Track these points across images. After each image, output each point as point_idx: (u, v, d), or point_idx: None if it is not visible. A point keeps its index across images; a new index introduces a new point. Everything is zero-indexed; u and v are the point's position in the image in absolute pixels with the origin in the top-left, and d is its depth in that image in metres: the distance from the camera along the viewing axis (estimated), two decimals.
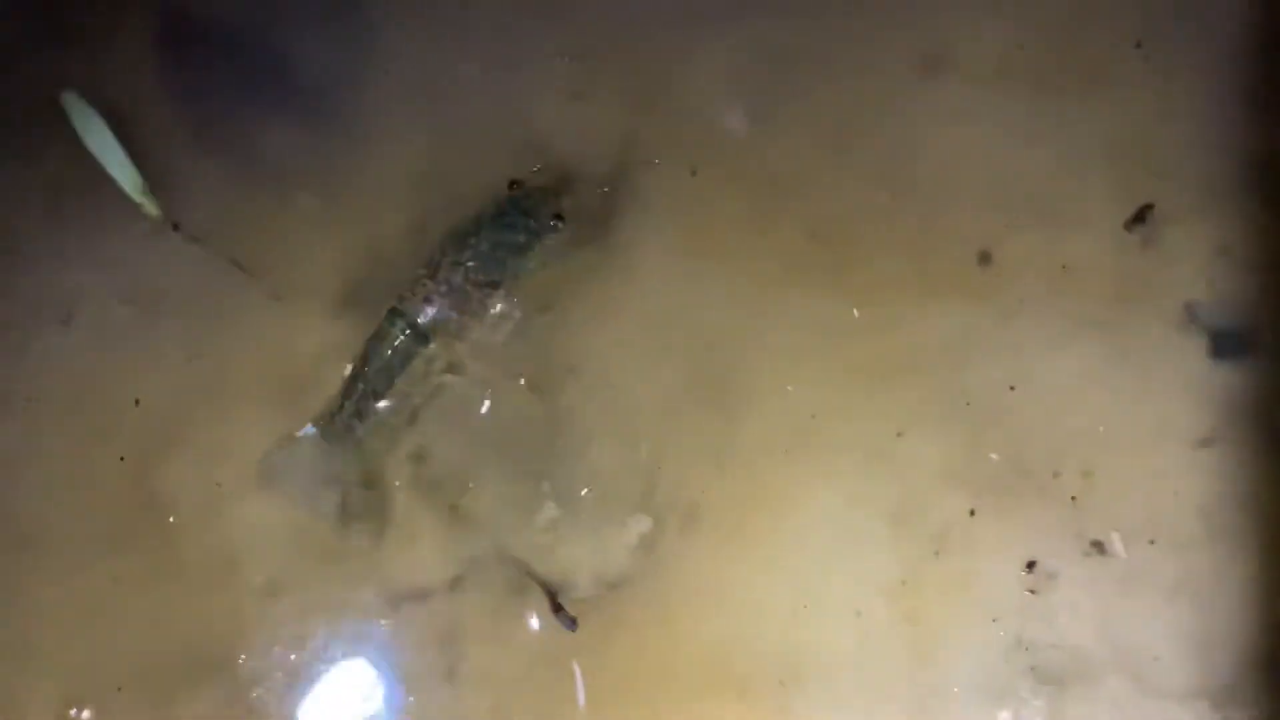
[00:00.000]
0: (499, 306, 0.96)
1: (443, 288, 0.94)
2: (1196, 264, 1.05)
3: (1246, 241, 1.05)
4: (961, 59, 1.08)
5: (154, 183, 1.07)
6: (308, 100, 1.07)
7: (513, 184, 0.99)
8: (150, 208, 1.05)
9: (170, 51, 1.11)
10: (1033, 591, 1.03)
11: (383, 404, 0.97)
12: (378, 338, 0.96)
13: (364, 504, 0.99)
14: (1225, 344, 1.03)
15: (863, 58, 1.08)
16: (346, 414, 0.97)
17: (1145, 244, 1.06)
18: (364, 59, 1.08)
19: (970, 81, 1.08)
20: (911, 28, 1.09)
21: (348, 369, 0.98)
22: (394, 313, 0.95)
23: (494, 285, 0.96)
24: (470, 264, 0.94)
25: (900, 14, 1.09)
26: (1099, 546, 1.03)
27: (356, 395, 0.96)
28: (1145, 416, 1.04)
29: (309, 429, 0.98)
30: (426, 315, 0.94)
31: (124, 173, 1.04)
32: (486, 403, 1.01)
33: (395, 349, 0.95)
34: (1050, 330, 1.05)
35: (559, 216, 0.98)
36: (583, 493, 1.00)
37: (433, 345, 0.96)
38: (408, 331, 0.95)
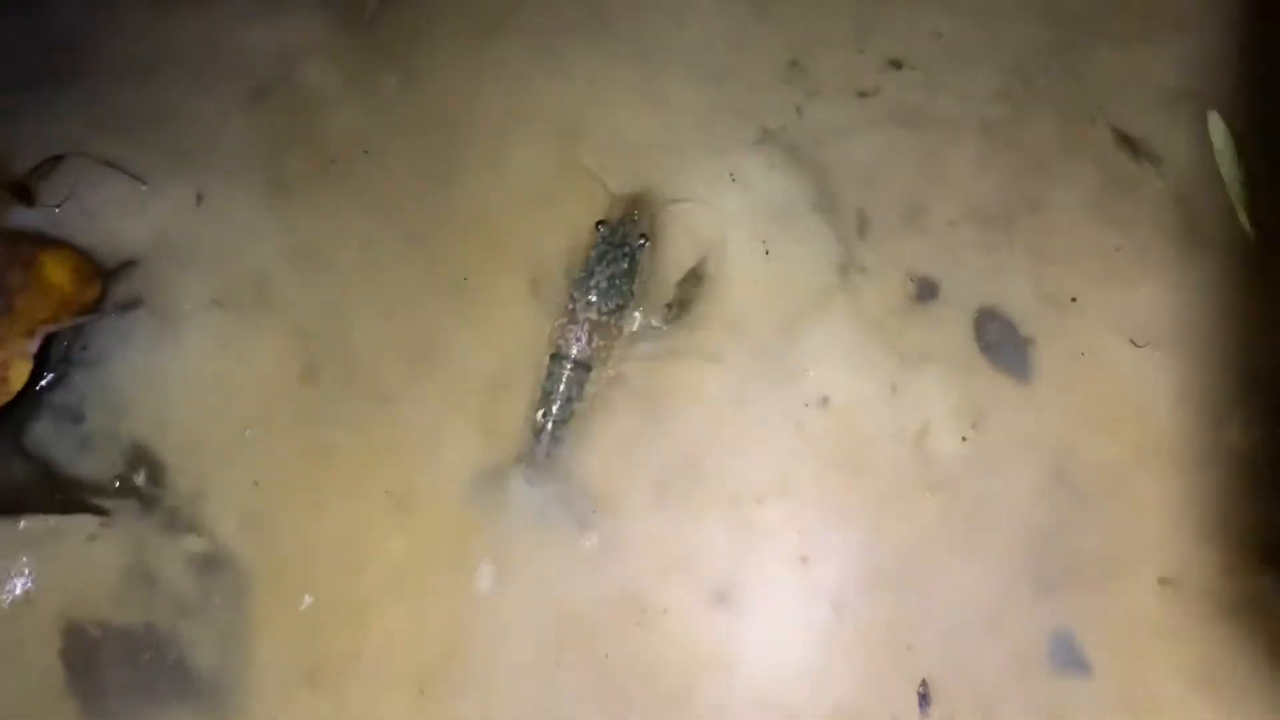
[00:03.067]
0: (630, 321, 1.23)
1: (585, 326, 1.19)
2: None
3: None
4: None
5: None
6: None
7: (599, 224, 1.22)
8: None
9: None
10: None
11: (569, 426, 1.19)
12: (551, 379, 1.19)
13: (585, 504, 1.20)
14: None
15: None
16: (544, 447, 1.18)
17: None
18: None
19: None
20: None
21: (537, 414, 1.20)
22: (555, 357, 1.19)
23: (620, 308, 1.21)
24: (595, 299, 1.20)
25: None
26: None
27: (549, 429, 1.18)
28: None
29: (517, 469, 1.19)
30: (580, 351, 1.19)
31: None
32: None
33: (567, 383, 1.18)
34: None
35: (644, 235, 1.23)
36: None
37: (593, 371, 1.19)
38: (571, 368, 1.18)
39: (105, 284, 1.28)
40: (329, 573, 1.21)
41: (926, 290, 1.27)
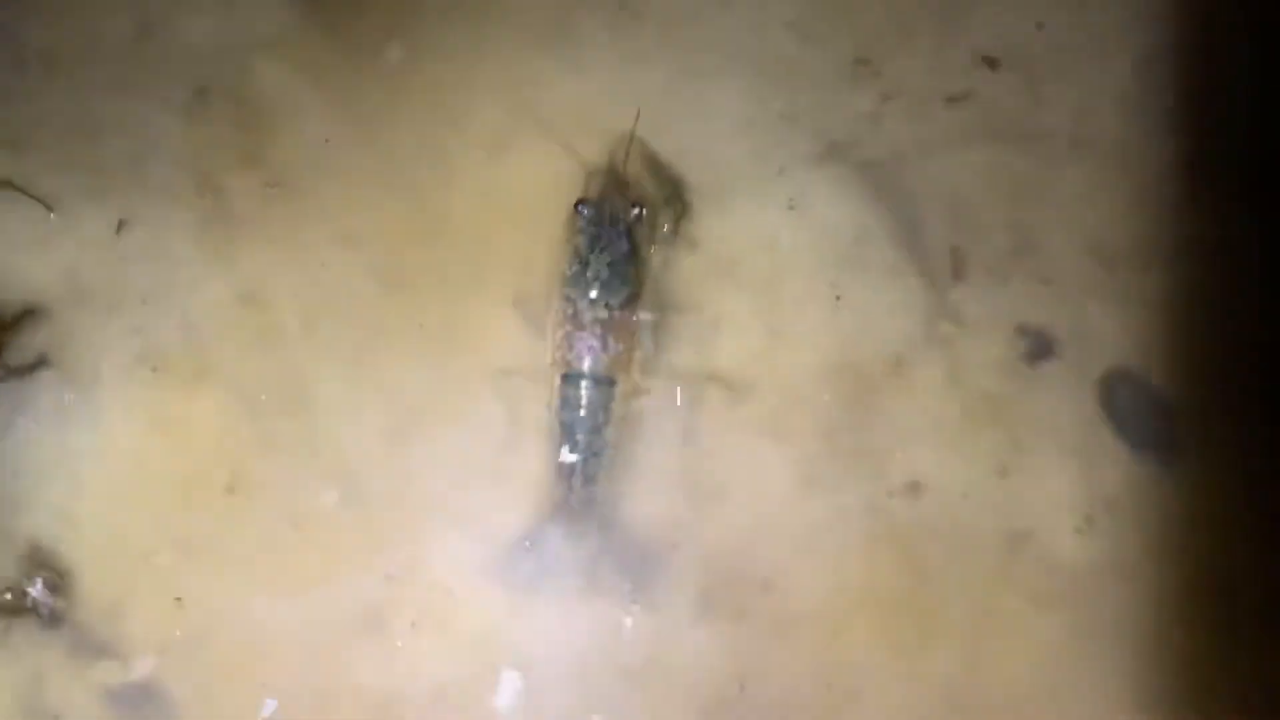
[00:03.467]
0: (648, 314, 0.99)
1: (596, 329, 0.97)
2: None
3: None
4: None
5: None
6: None
7: (579, 205, 0.99)
8: None
9: None
10: None
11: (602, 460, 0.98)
12: (569, 407, 0.97)
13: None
14: None
15: None
16: (579, 488, 0.97)
17: None
18: None
19: None
20: None
21: (562, 454, 0.98)
22: (567, 378, 0.97)
23: (632, 298, 0.98)
24: (598, 294, 0.97)
25: None
26: None
27: (579, 467, 0.97)
28: None
29: (549, 522, 0.98)
30: (595, 362, 0.97)
31: None
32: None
33: (589, 407, 0.97)
34: None
35: (637, 205, 0.99)
36: None
37: (618, 384, 0.97)
38: (590, 386, 0.97)
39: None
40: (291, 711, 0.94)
41: (1039, 347, 1.01)
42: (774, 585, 0.97)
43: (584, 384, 0.97)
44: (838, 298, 1.02)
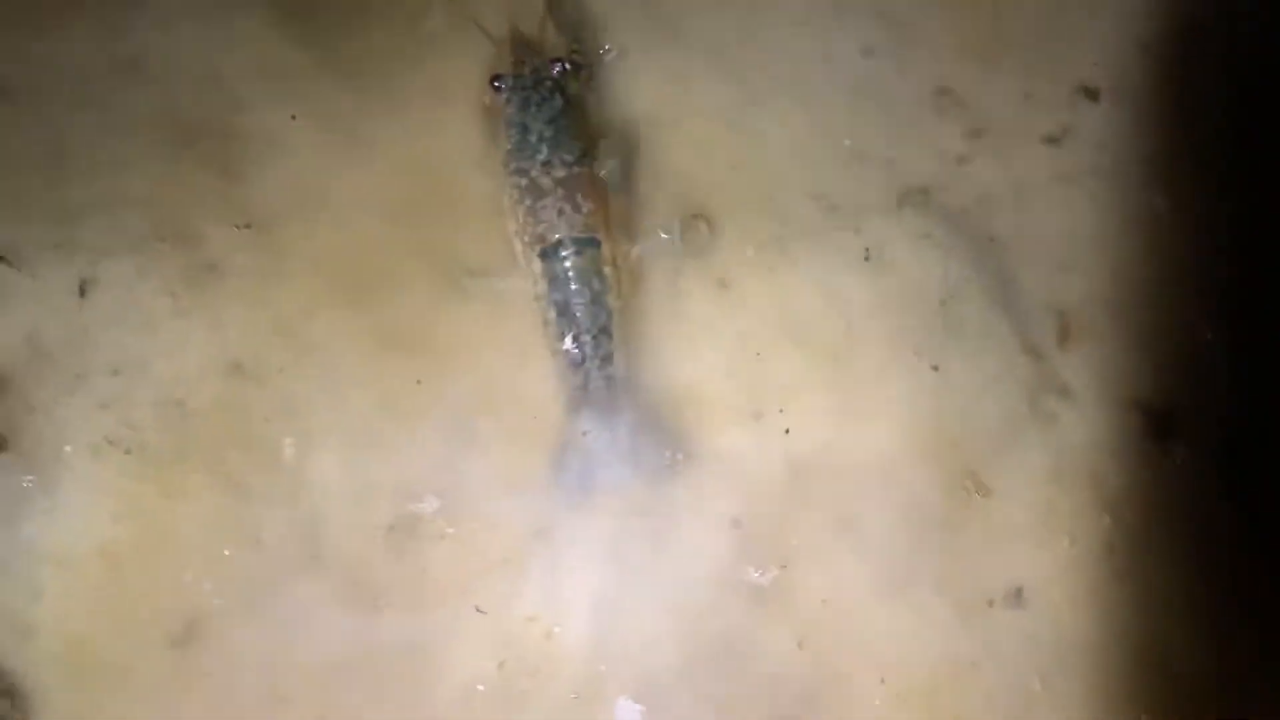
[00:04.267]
0: (607, 154, 0.90)
1: (559, 191, 0.88)
2: None
3: None
4: None
5: None
6: None
7: (494, 80, 0.92)
8: None
9: None
10: None
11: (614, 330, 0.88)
12: (558, 284, 0.87)
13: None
14: None
15: None
16: (595, 373, 0.87)
17: None
18: None
19: None
20: None
21: (565, 343, 0.87)
22: (546, 254, 0.87)
23: (585, 154, 0.89)
24: (548, 152, 0.89)
25: None
26: None
27: (588, 352, 0.87)
28: None
29: (577, 419, 0.88)
30: (573, 224, 0.87)
31: None
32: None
33: (581, 275, 0.87)
34: None
35: (560, 60, 0.91)
36: None
37: (601, 244, 0.88)
38: (574, 252, 0.87)
39: None
40: None
41: (1159, 424, 0.86)
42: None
43: (565, 251, 0.87)
44: (935, 368, 0.87)
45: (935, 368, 0.87)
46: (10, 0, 1.01)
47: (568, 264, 0.87)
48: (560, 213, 0.87)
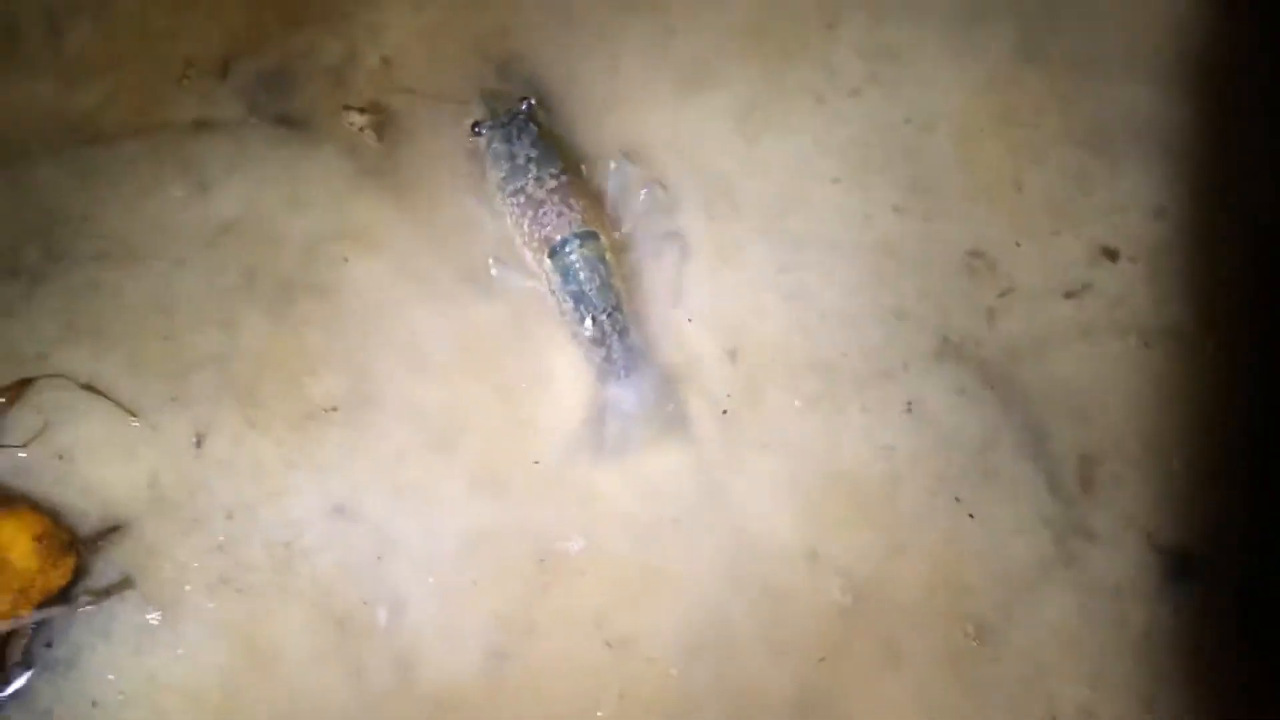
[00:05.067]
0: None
1: (554, 197, 1.00)
2: None
3: None
4: None
5: None
6: None
7: (474, 126, 1.05)
8: None
9: None
10: None
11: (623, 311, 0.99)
12: (570, 276, 0.99)
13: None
14: None
15: None
16: (617, 345, 0.99)
17: None
18: None
19: None
20: None
21: (584, 325, 0.99)
22: (554, 253, 0.99)
23: (564, 168, 1.02)
24: (536, 169, 1.01)
25: None
26: None
27: (606, 329, 0.98)
28: None
29: (607, 389, 1.00)
30: (573, 223, 0.99)
31: None
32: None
33: (587, 265, 0.98)
34: None
35: (524, 98, 1.05)
36: None
37: (600, 236, 1.00)
38: (579, 246, 0.98)
39: (81, 559, 0.96)
40: None
41: (1179, 565, 0.95)
42: None
43: (570, 245, 0.98)
44: (972, 516, 0.96)
45: (971, 515, 0.96)
46: (115, 163, 1.13)
47: (574, 256, 0.98)
48: (559, 214, 0.99)
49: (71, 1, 1.19)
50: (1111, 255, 1.03)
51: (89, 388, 1.02)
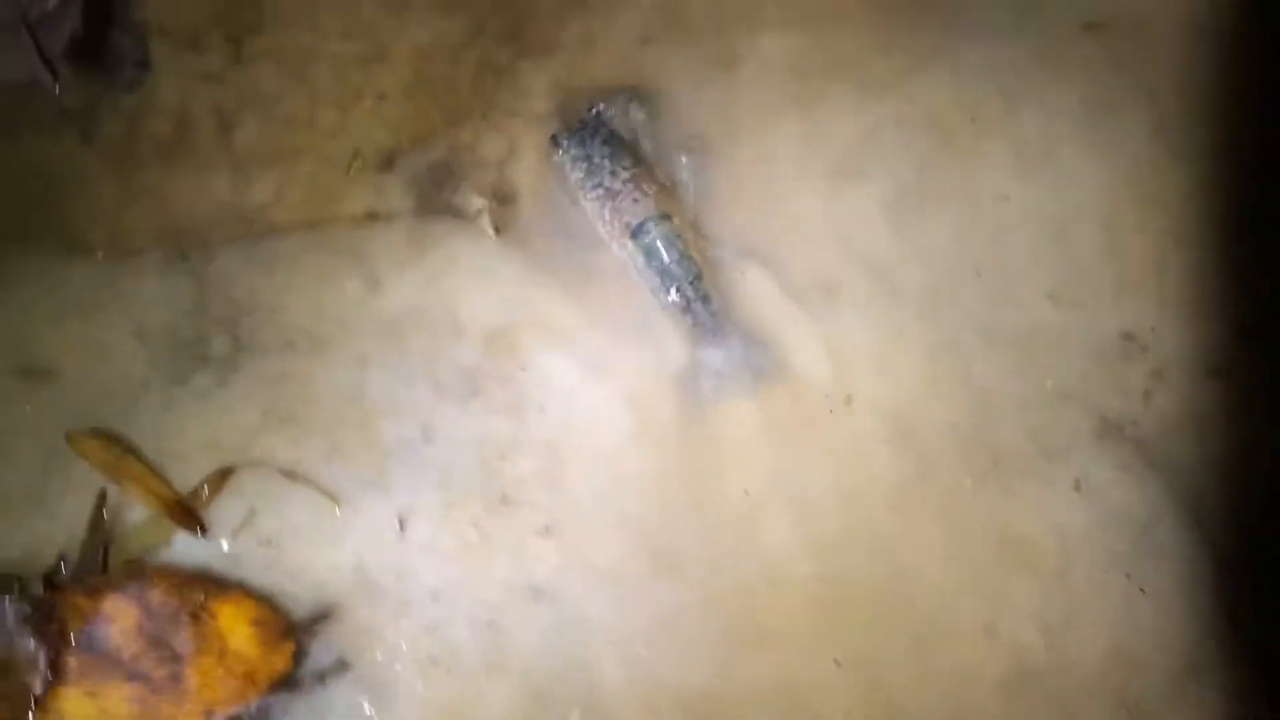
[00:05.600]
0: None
1: (629, 186, 1.11)
2: None
3: None
4: None
5: None
6: None
7: (554, 139, 1.16)
8: None
9: None
10: None
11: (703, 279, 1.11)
12: (652, 255, 1.10)
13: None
14: None
15: None
16: (703, 310, 1.10)
17: None
18: None
19: None
20: None
21: (670, 295, 1.10)
22: (636, 234, 1.10)
23: (638, 162, 1.14)
24: (611, 164, 1.12)
25: None
26: None
27: (691, 294, 1.10)
28: None
29: (700, 350, 1.11)
30: (647, 208, 1.11)
31: None
32: None
33: (666, 242, 1.10)
34: None
35: (593, 107, 1.17)
36: None
37: (673, 218, 1.11)
38: (656, 225, 1.10)
39: (298, 643, 1.01)
40: None
41: None
42: None
43: (648, 226, 1.10)
44: (1143, 590, 1.01)
45: (1143, 590, 1.02)
46: (291, 255, 1.19)
47: (652, 235, 1.10)
48: (635, 201, 1.11)
49: (241, 98, 1.25)
50: (1254, 335, 1.09)
51: (291, 475, 1.07)
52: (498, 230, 1.16)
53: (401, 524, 1.06)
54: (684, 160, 1.17)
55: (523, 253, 1.17)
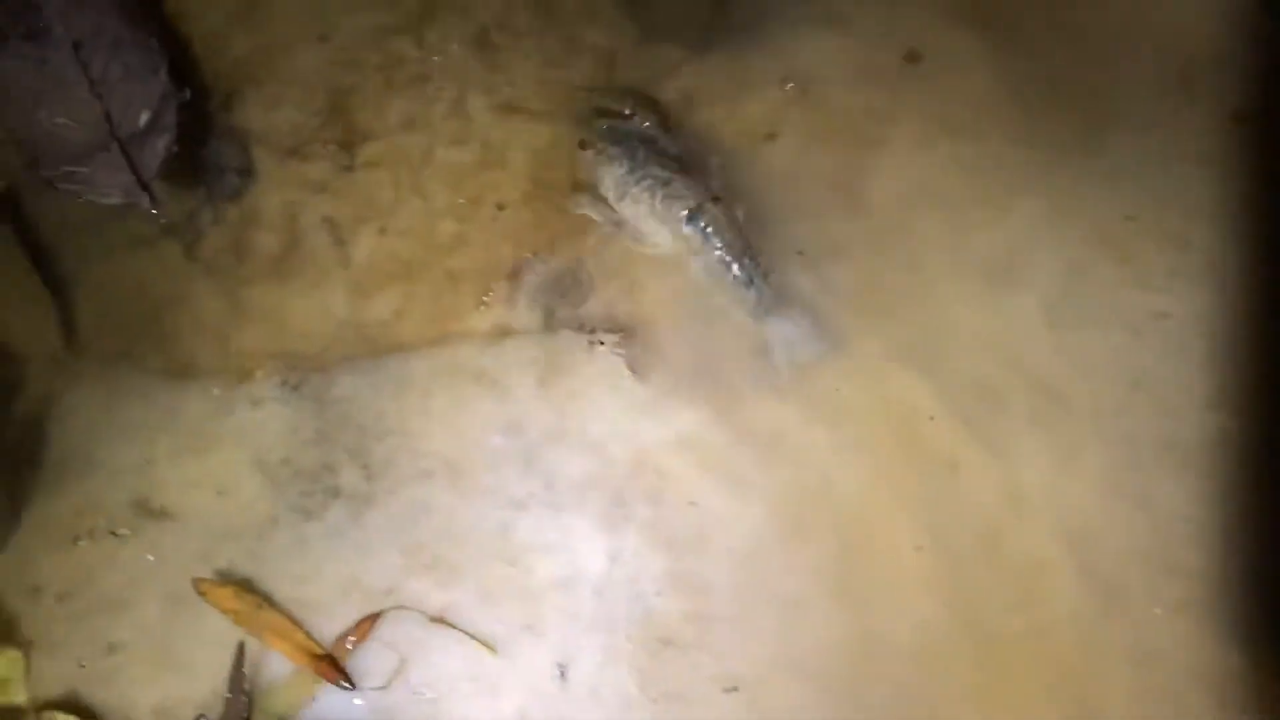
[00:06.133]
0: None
1: (676, 174, 1.13)
2: None
3: None
4: None
5: None
6: None
7: (581, 144, 1.18)
8: None
9: None
10: None
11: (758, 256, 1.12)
12: (712, 233, 1.11)
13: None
14: None
15: None
16: (760, 287, 1.11)
17: None
18: None
19: None
20: None
21: (732, 272, 1.11)
22: (692, 217, 1.11)
23: (678, 156, 1.16)
24: (656, 154, 1.14)
25: None
26: None
27: (751, 271, 1.11)
28: None
29: (765, 323, 1.12)
30: (698, 192, 1.12)
31: None
32: None
33: (720, 221, 1.11)
34: None
35: (624, 114, 1.18)
36: None
37: (721, 199, 1.12)
38: (712, 205, 1.11)
39: None
40: None
41: None
42: None
43: (706, 207, 1.11)
44: None
45: None
46: (419, 375, 1.13)
47: (710, 214, 1.11)
48: (687, 186, 1.11)
49: (356, 212, 1.20)
50: None
51: (441, 620, 1.01)
52: (634, 370, 1.11)
53: (562, 671, 1.00)
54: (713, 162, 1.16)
55: (660, 367, 1.13)
